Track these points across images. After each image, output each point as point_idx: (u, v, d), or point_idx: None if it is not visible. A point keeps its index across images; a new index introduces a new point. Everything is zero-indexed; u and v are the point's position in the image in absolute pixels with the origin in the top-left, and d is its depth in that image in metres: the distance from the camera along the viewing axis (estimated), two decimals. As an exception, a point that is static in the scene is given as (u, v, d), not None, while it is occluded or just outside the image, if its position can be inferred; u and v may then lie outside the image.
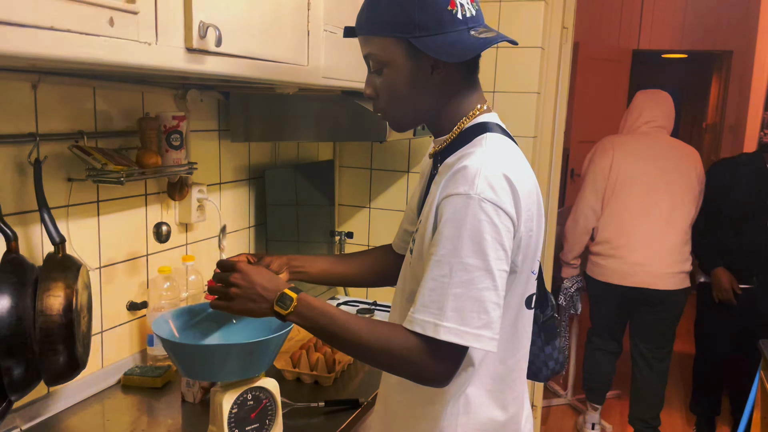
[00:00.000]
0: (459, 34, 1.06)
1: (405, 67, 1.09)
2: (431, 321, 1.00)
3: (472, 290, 0.99)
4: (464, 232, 0.99)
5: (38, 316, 1.18)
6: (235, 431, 1.29)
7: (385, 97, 1.14)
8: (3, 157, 1.28)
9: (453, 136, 1.15)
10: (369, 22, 1.10)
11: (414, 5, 1.04)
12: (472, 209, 1.00)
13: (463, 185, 1.01)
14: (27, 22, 0.77)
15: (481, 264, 0.99)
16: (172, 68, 1.02)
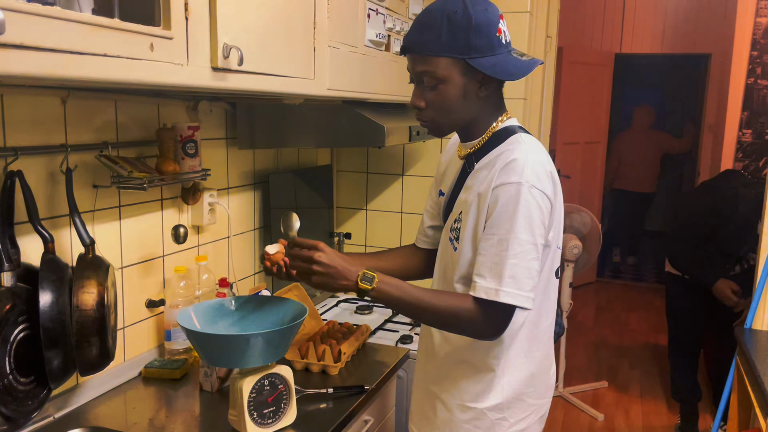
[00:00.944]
0: (505, 56, 1.28)
1: (459, 83, 1.28)
2: (493, 287, 1.23)
3: (523, 261, 1.22)
4: (518, 213, 1.22)
5: (74, 311, 1.30)
6: (254, 414, 1.41)
7: (434, 109, 1.32)
8: (38, 166, 1.40)
9: (485, 139, 1.36)
10: (428, 44, 1.26)
11: (471, 31, 1.23)
12: (525, 195, 1.22)
13: (514, 175, 1.23)
14: (86, 50, 0.89)
15: (530, 239, 1.23)
16: (201, 86, 1.15)
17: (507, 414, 1.38)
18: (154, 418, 1.54)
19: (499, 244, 1.23)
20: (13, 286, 1.24)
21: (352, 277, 1.27)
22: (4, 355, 1.20)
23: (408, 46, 1.30)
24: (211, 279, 1.88)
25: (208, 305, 1.52)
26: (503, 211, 1.23)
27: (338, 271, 1.27)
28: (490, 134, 1.36)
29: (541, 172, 1.25)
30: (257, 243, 2.24)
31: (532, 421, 1.42)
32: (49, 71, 0.83)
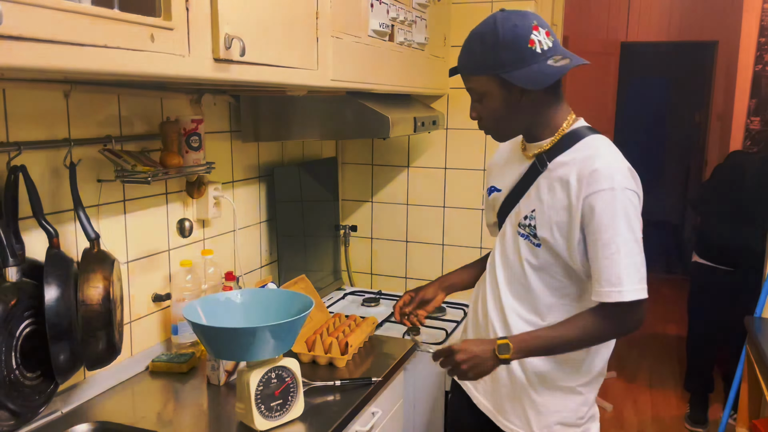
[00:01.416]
0: (539, 65, 1.34)
1: (500, 96, 1.39)
2: (615, 290, 1.32)
3: (633, 258, 1.33)
4: (618, 216, 1.32)
5: (80, 305, 1.30)
6: (262, 407, 1.41)
7: (487, 119, 1.45)
8: (41, 161, 1.39)
9: (556, 140, 1.43)
10: (467, 64, 1.41)
11: (499, 47, 1.33)
12: (620, 198, 1.32)
13: (606, 182, 1.32)
14: (85, 41, 0.88)
15: (633, 237, 1.33)
16: (202, 77, 1.14)
17: (590, 388, 1.51)
18: (161, 411, 1.54)
19: (606, 248, 1.32)
20: (18, 281, 1.24)
21: (492, 356, 1.37)
22: (10, 350, 1.20)
23: (457, 68, 1.45)
24: (217, 272, 1.88)
25: (214, 299, 1.52)
26: (603, 216, 1.32)
27: (481, 358, 1.38)
28: (560, 136, 1.43)
29: (627, 173, 1.35)
30: (263, 236, 2.23)
31: (595, 393, 1.54)
32: (47, 63, 0.83)
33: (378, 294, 2.57)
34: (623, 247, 1.32)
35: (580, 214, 1.35)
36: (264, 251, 2.24)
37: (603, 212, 1.32)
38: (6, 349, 1.19)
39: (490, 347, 1.37)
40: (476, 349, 1.38)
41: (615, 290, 1.33)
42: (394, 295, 2.56)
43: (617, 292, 1.32)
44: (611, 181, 1.32)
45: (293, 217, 2.35)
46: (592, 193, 1.33)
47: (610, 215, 1.32)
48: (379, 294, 2.57)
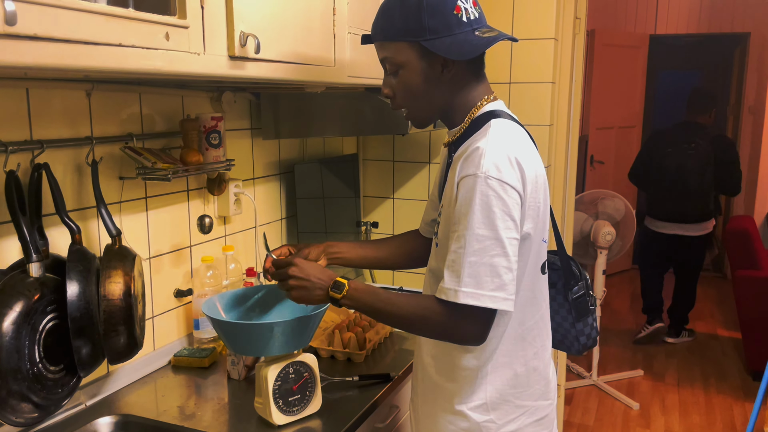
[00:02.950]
0: (465, 35, 1.19)
1: (418, 67, 1.22)
2: (452, 288, 1.14)
3: (484, 257, 1.13)
4: (474, 207, 1.13)
5: (102, 300, 1.32)
6: (279, 402, 1.42)
7: (402, 96, 1.27)
8: (64, 159, 1.42)
9: (465, 126, 1.27)
10: (384, 29, 1.23)
11: (423, 12, 1.17)
12: (480, 186, 1.13)
13: (472, 167, 1.15)
14: (100, 40, 0.90)
15: (491, 234, 1.13)
16: (218, 74, 1.15)
17: (494, 416, 1.29)
18: (183, 405, 1.56)
19: (458, 241, 1.15)
20: (41, 277, 1.26)
21: (324, 286, 1.26)
22: (33, 343, 1.23)
23: (369, 35, 1.28)
24: (238, 268, 1.90)
25: (233, 294, 1.53)
26: (461, 205, 1.15)
27: (312, 283, 1.26)
28: (469, 121, 1.27)
29: (501, 161, 1.14)
30: (284, 232, 2.25)
31: (524, 423, 1.31)
32: (62, 62, 0.84)
33: (399, 290, 2.56)
34: (473, 243, 1.12)
35: (453, 201, 1.19)
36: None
37: (462, 200, 1.15)
38: (29, 342, 1.22)
39: (327, 280, 1.25)
40: (313, 273, 1.27)
41: (451, 288, 1.14)
42: (415, 291, 2.56)
43: (452, 291, 1.14)
44: (477, 166, 1.14)
45: (314, 213, 2.36)
46: (462, 177, 1.16)
47: (468, 205, 1.13)
48: (400, 290, 2.56)
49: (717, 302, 5.38)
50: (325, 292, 1.26)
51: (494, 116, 1.25)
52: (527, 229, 1.21)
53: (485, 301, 1.13)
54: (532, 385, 1.32)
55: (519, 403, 1.30)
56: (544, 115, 2.46)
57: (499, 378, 1.28)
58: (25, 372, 1.21)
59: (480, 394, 1.28)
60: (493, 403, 1.29)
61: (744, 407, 3.52)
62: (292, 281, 1.28)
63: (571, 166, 2.87)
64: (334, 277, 1.27)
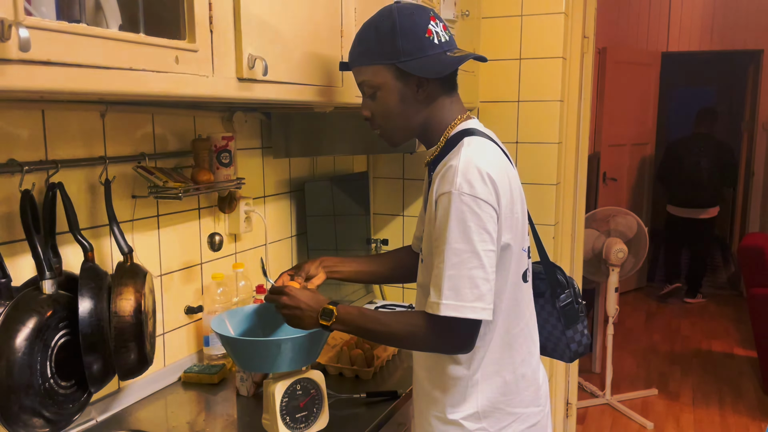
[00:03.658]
0: (437, 56, 1.27)
1: (395, 88, 1.29)
2: (434, 302, 1.20)
3: (462, 270, 1.18)
4: (451, 223, 1.18)
5: (113, 317, 1.34)
6: (287, 419, 1.43)
7: (380, 116, 1.34)
8: (78, 178, 1.46)
9: (441, 145, 1.33)
10: (361, 54, 1.31)
11: (397, 36, 1.26)
12: (455, 203, 1.18)
13: (447, 185, 1.21)
14: (111, 65, 0.93)
15: (467, 248, 1.18)
16: (226, 96, 1.18)
17: (486, 424, 1.33)
18: (192, 422, 1.57)
19: (438, 257, 1.21)
20: (54, 294, 1.29)
21: (314, 315, 1.30)
22: (45, 359, 1.25)
23: (347, 62, 1.36)
24: (248, 286, 1.92)
25: (242, 311, 1.55)
26: (439, 222, 1.21)
27: (302, 311, 1.31)
28: (444, 140, 1.33)
29: (474, 177, 1.19)
30: (294, 250, 2.27)
31: (516, 430, 1.35)
32: (75, 86, 0.87)
33: (410, 307, 2.57)
34: (451, 257, 1.18)
35: (430, 218, 1.26)
36: (295, 265, 2.27)
37: (440, 217, 1.21)
38: (42, 358, 1.24)
39: (317, 307, 1.30)
40: (303, 301, 1.31)
41: (434, 302, 1.19)
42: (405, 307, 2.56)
43: (435, 304, 1.19)
44: (451, 184, 1.19)
45: (324, 231, 2.38)
46: (439, 195, 1.22)
47: (443, 222, 1.20)
48: (410, 307, 2.57)
49: (733, 320, 5.32)
50: (315, 320, 1.30)
51: (468, 134, 1.30)
52: (506, 240, 1.26)
53: (465, 312, 1.18)
54: (522, 391, 1.36)
55: (510, 410, 1.34)
56: (553, 133, 2.48)
57: (489, 386, 1.32)
58: (37, 387, 1.23)
59: (471, 403, 1.32)
60: (485, 412, 1.33)
61: (761, 427, 3.47)
62: (284, 310, 1.34)
63: (580, 183, 2.87)
64: (324, 303, 1.30)
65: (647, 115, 5.88)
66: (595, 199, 5.35)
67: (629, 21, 6.03)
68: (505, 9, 2.46)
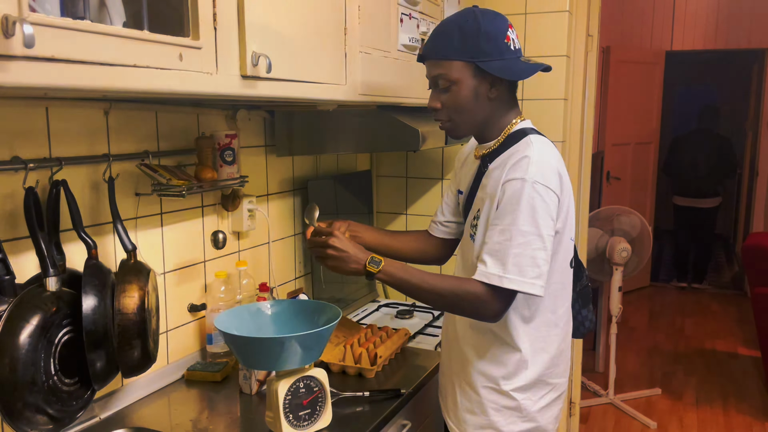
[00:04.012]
0: (513, 61, 1.39)
1: (471, 85, 1.39)
2: (496, 273, 1.32)
3: (527, 250, 1.32)
4: (522, 206, 1.32)
5: (116, 314, 1.35)
6: (290, 416, 1.43)
7: (450, 109, 1.43)
8: (82, 176, 1.46)
9: (500, 140, 1.46)
10: (442, 49, 1.39)
11: (480, 37, 1.36)
12: (527, 190, 1.32)
13: (519, 172, 1.34)
14: (115, 61, 0.93)
15: (534, 230, 1.32)
16: (230, 94, 1.18)
17: (530, 394, 1.48)
18: (196, 419, 1.57)
19: (502, 234, 1.33)
20: (58, 291, 1.29)
21: (361, 261, 1.40)
22: (49, 356, 1.25)
23: (424, 54, 1.44)
24: (251, 284, 1.92)
25: (246, 309, 1.55)
26: (507, 204, 1.33)
27: (349, 256, 1.40)
28: (505, 136, 1.46)
29: (546, 169, 1.35)
30: (297, 248, 2.27)
31: (551, 398, 1.52)
32: (79, 83, 0.87)
33: (412, 306, 2.57)
34: (518, 237, 1.31)
35: (496, 201, 1.37)
36: (298, 263, 2.28)
37: (509, 199, 1.34)
38: (45, 355, 1.25)
39: (364, 256, 1.40)
40: (351, 247, 1.40)
41: (494, 274, 1.32)
42: (428, 307, 2.56)
43: (497, 276, 1.32)
44: (525, 172, 1.33)
45: (328, 229, 2.37)
46: (507, 180, 1.35)
47: (513, 204, 1.33)
48: (413, 306, 2.57)
49: (737, 320, 5.31)
50: (362, 266, 1.40)
51: (529, 132, 1.44)
52: (559, 228, 1.40)
53: (526, 287, 1.32)
54: (560, 365, 1.53)
55: (549, 381, 1.50)
56: (557, 131, 2.47)
57: (536, 362, 1.47)
58: (40, 384, 1.23)
59: (521, 377, 1.46)
60: (531, 383, 1.47)
61: (764, 427, 3.46)
62: (330, 251, 1.41)
63: (584, 182, 2.86)
64: (369, 254, 1.40)
65: (651, 114, 5.87)
66: (599, 198, 5.34)
67: (633, 20, 6.02)
68: (509, 7, 2.45)
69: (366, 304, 2.61)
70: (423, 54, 1.44)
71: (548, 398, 1.51)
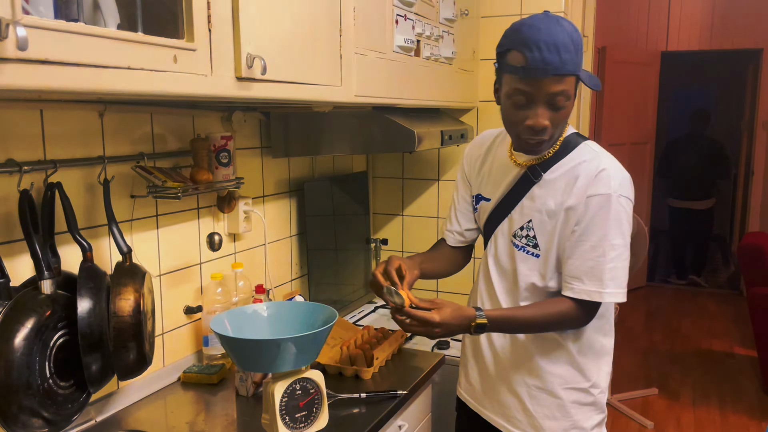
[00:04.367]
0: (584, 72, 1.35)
1: (572, 100, 1.35)
2: (596, 290, 1.37)
3: (619, 262, 1.38)
4: (610, 221, 1.36)
5: (112, 317, 1.34)
6: (286, 418, 1.42)
7: (555, 126, 1.36)
8: (77, 178, 1.45)
9: (556, 149, 1.43)
10: (568, 63, 1.28)
11: (580, 49, 1.31)
12: (615, 205, 1.36)
13: (604, 187, 1.36)
14: (109, 63, 0.92)
15: (623, 242, 1.38)
16: (225, 96, 1.17)
17: (601, 388, 1.54)
18: (192, 422, 1.57)
19: (594, 250, 1.36)
20: (53, 294, 1.29)
21: (465, 323, 1.38)
22: (44, 359, 1.25)
23: (547, 68, 1.27)
24: (247, 285, 1.91)
25: (241, 311, 1.55)
26: (595, 218, 1.36)
27: (456, 326, 1.37)
28: (558, 145, 1.43)
29: (625, 181, 1.39)
30: (293, 250, 2.27)
31: (605, 387, 1.57)
32: (73, 85, 0.87)
33: (409, 307, 2.57)
34: (610, 251, 1.36)
35: (577, 215, 1.38)
36: (294, 265, 2.27)
37: (596, 215, 1.36)
38: (40, 358, 1.24)
39: (467, 323, 1.37)
40: (455, 325, 1.37)
41: (596, 291, 1.37)
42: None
43: (598, 293, 1.37)
44: (609, 186, 1.36)
45: (324, 230, 2.38)
46: (592, 195, 1.36)
47: (603, 219, 1.36)
48: (410, 307, 2.56)
49: (733, 320, 5.32)
50: (470, 326, 1.38)
51: (581, 139, 1.45)
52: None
53: (621, 297, 1.39)
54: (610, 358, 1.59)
55: (605, 376, 1.56)
56: (553, 132, 2.47)
57: (607, 360, 1.55)
58: (35, 387, 1.23)
59: (593, 374, 1.52)
60: (600, 380, 1.54)
61: (761, 426, 3.46)
62: (437, 330, 1.36)
63: (580, 182, 2.86)
64: (472, 318, 1.37)
65: (647, 115, 5.88)
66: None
67: (629, 20, 6.03)
68: (504, 8, 2.46)
69: (363, 305, 2.61)
70: (543, 67, 1.27)
71: (603, 386, 1.56)
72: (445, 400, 2.00)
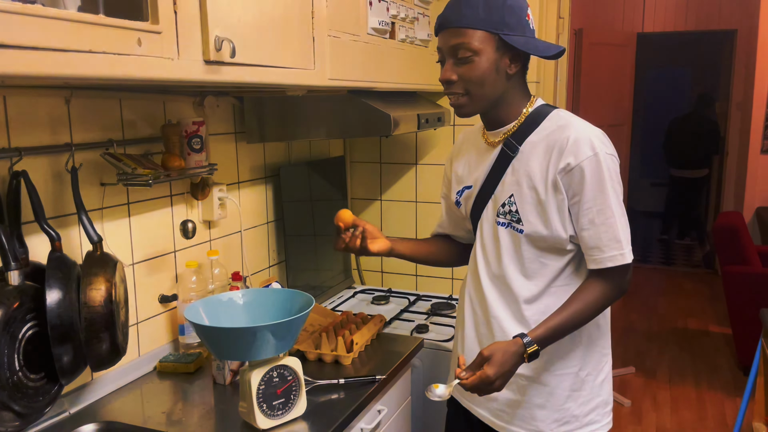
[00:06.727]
0: (533, 39, 1.38)
1: (492, 57, 1.35)
2: (617, 253, 1.36)
3: (624, 217, 1.38)
4: (606, 182, 1.34)
5: (83, 307, 1.31)
6: (264, 406, 1.41)
7: (466, 82, 1.37)
8: (43, 166, 1.42)
9: (521, 122, 1.43)
10: (467, 17, 1.34)
11: (505, 9, 1.33)
12: (605, 163, 1.34)
13: (588, 149, 1.34)
14: (69, 47, 0.89)
15: (619, 200, 1.37)
16: (193, 80, 1.14)
17: (608, 384, 1.54)
18: (169, 411, 1.55)
19: (601, 214, 1.35)
20: (21, 285, 1.26)
21: (520, 362, 1.34)
22: (12, 352, 1.22)
23: (444, 22, 1.37)
24: (223, 273, 1.89)
25: (217, 299, 1.53)
26: (593, 184, 1.34)
27: (512, 366, 1.33)
28: (524, 117, 1.43)
29: (605, 140, 1.38)
30: (270, 236, 2.24)
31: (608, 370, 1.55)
32: (31, 70, 0.84)
33: (388, 292, 2.57)
34: (617, 209, 1.36)
35: (565, 184, 1.36)
36: (272, 251, 2.25)
37: (591, 179, 1.34)
38: (9, 351, 1.21)
39: (520, 360, 1.33)
40: (509, 367, 1.32)
41: (618, 253, 1.36)
42: (404, 292, 2.56)
43: (620, 255, 1.36)
44: (592, 147, 1.34)
45: (301, 216, 2.35)
46: (579, 161, 1.34)
47: (598, 181, 1.34)
48: (389, 292, 2.57)
49: (709, 298, 5.41)
50: (522, 358, 1.34)
51: (551, 109, 1.44)
52: None
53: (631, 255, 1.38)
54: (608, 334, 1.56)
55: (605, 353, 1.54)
56: (529, 114, 2.46)
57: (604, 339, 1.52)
58: (4, 381, 1.20)
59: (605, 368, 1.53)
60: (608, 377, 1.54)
61: (735, 403, 3.53)
62: (498, 383, 1.32)
63: (558, 165, 2.87)
64: (521, 352, 1.33)
65: (623, 96, 5.91)
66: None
67: (605, 1, 6.03)
68: (480, -11, 2.43)
69: (342, 290, 2.60)
70: (442, 22, 1.38)
71: (606, 370, 1.53)
72: (425, 384, 2.01)
